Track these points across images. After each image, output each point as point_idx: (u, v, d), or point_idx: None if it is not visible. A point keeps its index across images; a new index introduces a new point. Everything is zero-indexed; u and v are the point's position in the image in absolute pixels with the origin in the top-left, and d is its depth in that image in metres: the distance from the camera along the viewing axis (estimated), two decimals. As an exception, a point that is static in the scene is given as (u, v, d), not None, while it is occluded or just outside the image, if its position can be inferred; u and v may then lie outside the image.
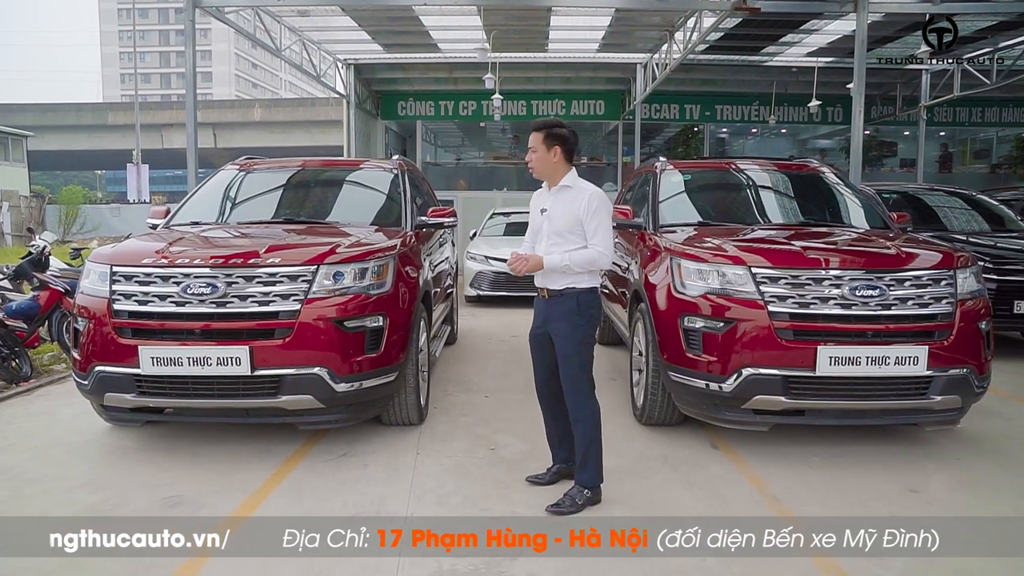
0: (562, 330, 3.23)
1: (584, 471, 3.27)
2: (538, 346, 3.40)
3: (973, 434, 4.32)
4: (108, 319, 3.68)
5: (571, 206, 3.22)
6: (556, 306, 3.25)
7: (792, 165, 5.80)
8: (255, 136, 36.96)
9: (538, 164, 3.28)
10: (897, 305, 3.67)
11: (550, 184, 3.33)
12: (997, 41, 12.34)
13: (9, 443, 4.20)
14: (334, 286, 3.75)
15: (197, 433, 4.28)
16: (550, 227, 3.25)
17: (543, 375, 3.43)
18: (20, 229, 22.93)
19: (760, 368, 3.64)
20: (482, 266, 9.79)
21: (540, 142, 3.25)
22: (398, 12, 10.96)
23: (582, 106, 16.16)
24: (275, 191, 5.33)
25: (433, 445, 4.13)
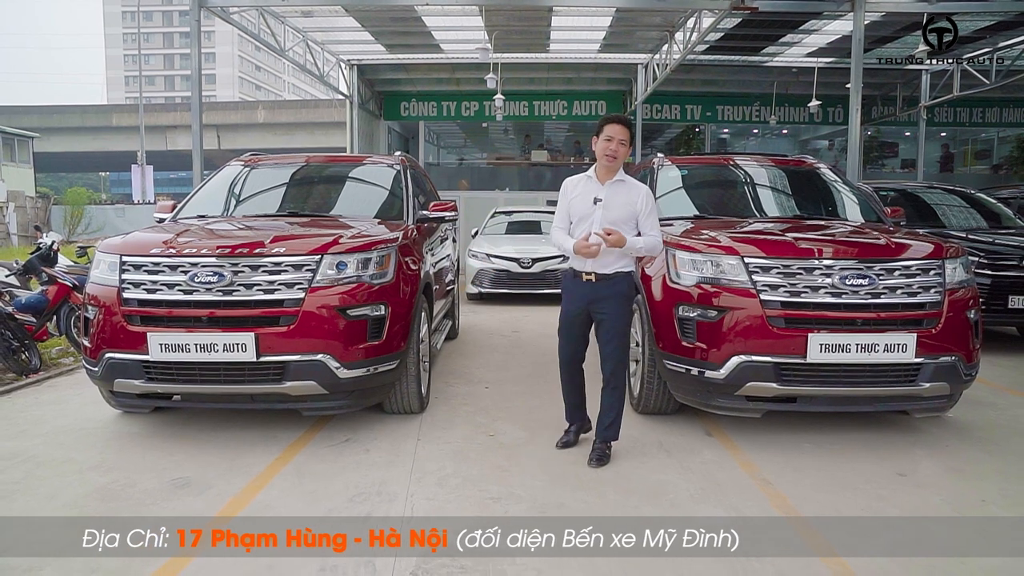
0: (613, 308, 3.60)
1: (612, 429, 3.72)
2: (572, 325, 3.74)
3: (964, 423, 4.40)
4: (118, 307, 3.79)
5: (629, 199, 3.61)
6: (606, 288, 3.60)
7: (788, 161, 5.89)
8: (259, 138, 37.12)
9: (624, 155, 3.58)
10: (887, 294, 3.75)
11: (608, 176, 3.62)
12: (996, 41, 12.40)
13: (21, 429, 4.31)
14: (337, 275, 3.84)
15: (203, 419, 4.38)
16: (606, 216, 3.56)
17: (572, 350, 3.79)
18: (26, 230, 23.12)
19: (752, 355, 3.72)
20: (484, 264, 9.89)
21: (628, 136, 3.61)
22: (401, 13, 11.07)
23: (583, 106, 16.25)
24: (279, 186, 5.44)
25: (434, 432, 4.22)
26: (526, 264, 9.62)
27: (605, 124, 3.60)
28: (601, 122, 3.64)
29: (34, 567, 2.66)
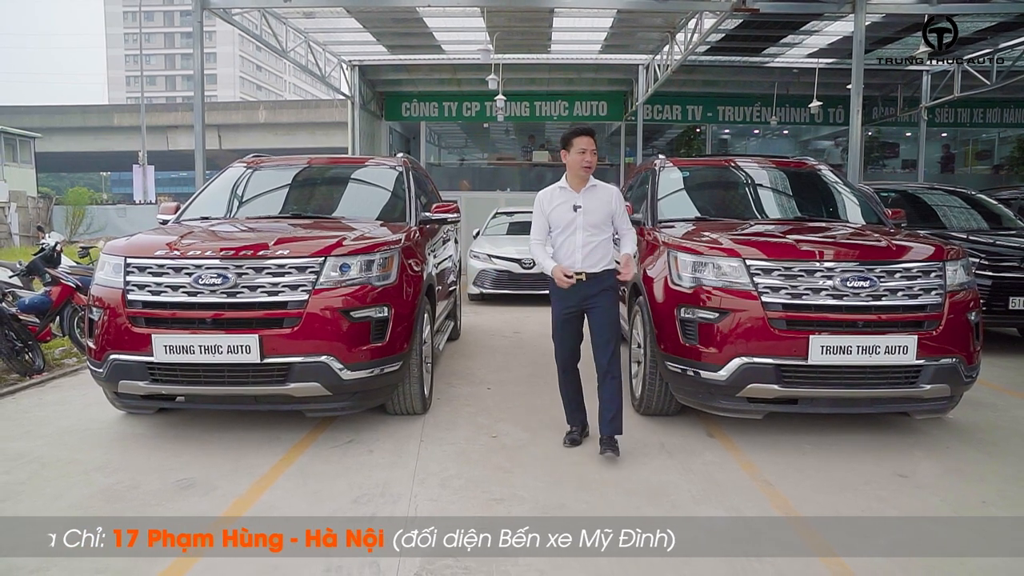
0: (604, 302, 3.80)
1: (616, 422, 3.78)
2: (569, 323, 3.88)
3: (965, 424, 4.42)
4: (122, 309, 3.81)
5: (604, 202, 3.82)
6: (596, 285, 3.78)
7: (789, 162, 5.91)
8: (260, 138, 37.16)
9: (595, 163, 3.78)
10: (887, 296, 3.77)
11: (582, 184, 3.80)
12: (997, 42, 12.39)
13: (25, 430, 4.33)
14: (341, 277, 3.87)
15: (207, 421, 4.40)
16: (586, 220, 3.77)
17: (570, 348, 3.93)
18: (28, 230, 23.16)
19: (754, 357, 3.74)
20: (485, 264, 9.91)
21: (595, 145, 3.80)
22: (402, 13, 11.08)
23: (585, 107, 16.25)
24: (282, 188, 5.47)
25: (436, 433, 4.24)
26: (527, 265, 9.64)
27: (574, 137, 3.79)
28: (569, 135, 3.82)
29: (41, 567, 2.68)
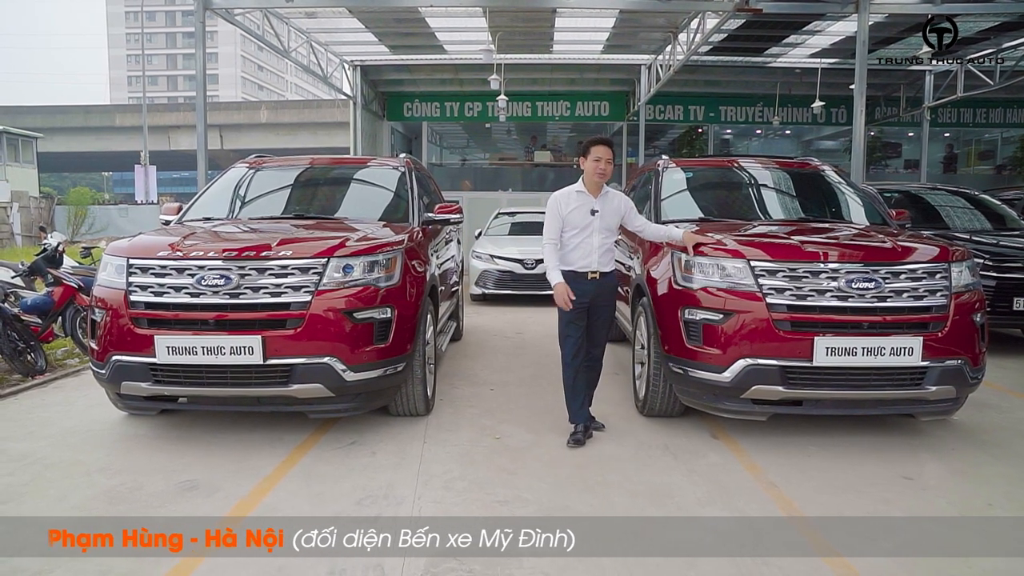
0: (608, 301, 4.15)
1: (588, 405, 4.19)
2: (579, 319, 4.04)
3: (970, 426, 4.40)
4: (125, 310, 3.80)
5: (616, 208, 4.09)
6: (605, 284, 4.06)
7: (793, 163, 5.89)
8: (261, 138, 37.14)
9: (610, 172, 3.99)
10: (893, 297, 3.75)
11: (598, 191, 4.02)
12: (1000, 42, 12.38)
13: (28, 431, 4.33)
14: (344, 278, 3.86)
15: (210, 422, 4.39)
16: (602, 224, 4.01)
17: (578, 344, 4.06)
18: (30, 230, 23.17)
19: (758, 358, 3.73)
20: (487, 265, 9.90)
21: (612, 156, 4.01)
22: (404, 13, 11.08)
23: (587, 107, 16.25)
24: (285, 188, 5.46)
25: (439, 434, 4.23)
26: (530, 265, 9.63)
27: (592, 146, 4.00)
28: (588, 143, 4.03)
29: (44, 569, 2.68)
